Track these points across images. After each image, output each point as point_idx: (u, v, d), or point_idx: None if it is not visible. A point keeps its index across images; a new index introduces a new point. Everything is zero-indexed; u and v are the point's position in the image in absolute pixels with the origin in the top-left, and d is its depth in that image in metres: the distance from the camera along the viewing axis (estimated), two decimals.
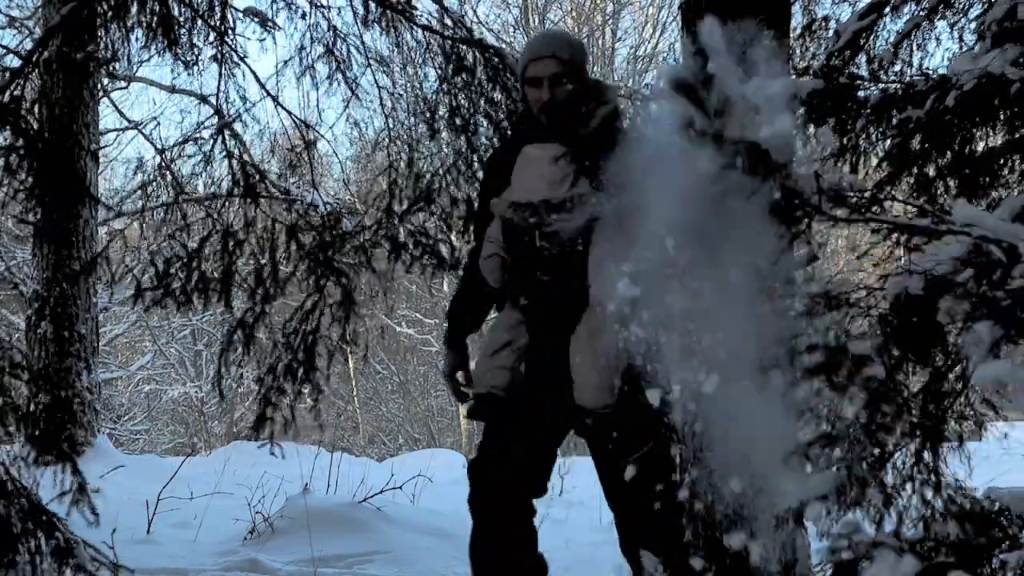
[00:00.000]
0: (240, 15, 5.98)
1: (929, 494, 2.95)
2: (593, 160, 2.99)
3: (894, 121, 3.08)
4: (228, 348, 5.47)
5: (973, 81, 2.68)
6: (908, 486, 2.90)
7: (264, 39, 6.18)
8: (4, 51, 7.83)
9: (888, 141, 3.26)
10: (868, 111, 3.17)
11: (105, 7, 4.95)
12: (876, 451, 2.88)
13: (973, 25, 3.62)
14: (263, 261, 5.45)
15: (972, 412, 2.91)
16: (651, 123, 1.96)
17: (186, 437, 20.97)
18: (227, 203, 5.75)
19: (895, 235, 3.48)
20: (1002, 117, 2.96)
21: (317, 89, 6.49)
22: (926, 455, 2.96)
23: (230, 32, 5.71)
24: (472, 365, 3.37)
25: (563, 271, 3.00)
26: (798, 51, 5.06)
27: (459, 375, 3.40)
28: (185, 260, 5.32)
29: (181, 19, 5.38)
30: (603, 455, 3.04)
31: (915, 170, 3.22)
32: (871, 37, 3.88)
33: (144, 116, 23.22)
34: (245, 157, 5.73)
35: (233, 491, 7.09)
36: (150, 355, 19.40)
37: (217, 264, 5.40)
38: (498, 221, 3.10)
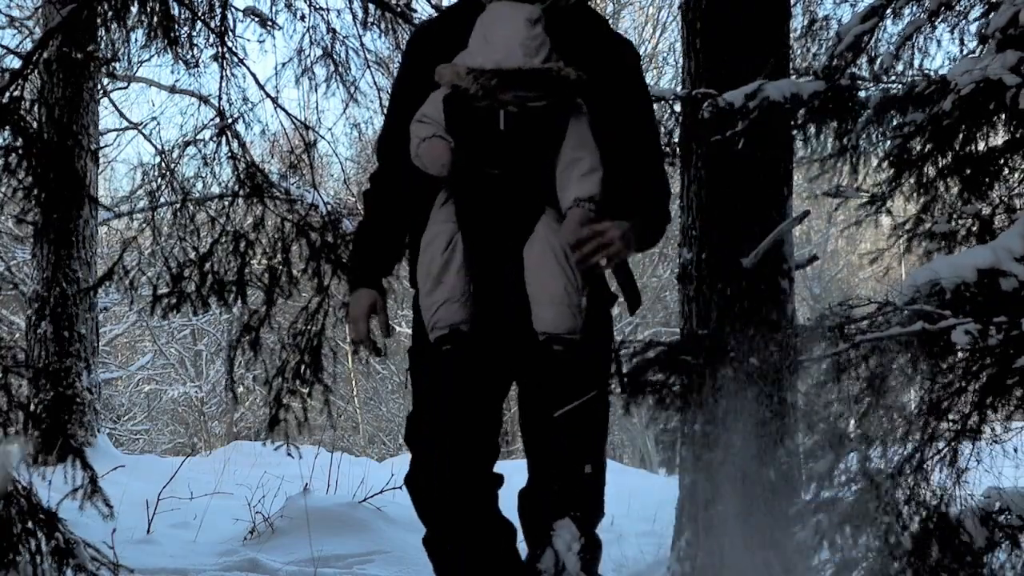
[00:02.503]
0: (240, 15, 5.99)
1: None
2: (568, 36, 2.47)
3: (894, 122, 3.09)
4: (236, 350, 5.47)
5: (971, 85, 2.68)
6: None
7: (263, 40, 6.19)
8: (4, 51, 7.82)
9: (888, 142, 3.26)
10: (870, 111, 3.17)
11: (105, 7, 4.95)
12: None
13: (973, 28, 3.62)
14: (276, 261, 5.46)
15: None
16: None
17: (186, 437, 20.96)
18: (233, 204, 5.74)
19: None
20: (1001, 119, 2.97)
21: (316, 92, 6.49)
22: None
23: (230, 33, 5.71)
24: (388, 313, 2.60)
25: (522, 165, 2.41)
26: (799, 51, 5.06)
27: (373, 321, 2.60)
28: (197, 263, 5.33)
29: (181, 19, 5.38)
30: (549, 392, 2.45)
31: (916, 171, 3.22)
32: (872, 39, 3.88)
33: (144, 116, 23.23)
34: (248, 158, 5.73)
35: (233, 491, 7.09)
36: (150, 355, 19.38)
37: (230, 265, 5.40)
38: (438, 97, 2.44)
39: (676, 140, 4.43)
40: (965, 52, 3.81)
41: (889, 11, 3.80)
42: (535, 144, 2.40)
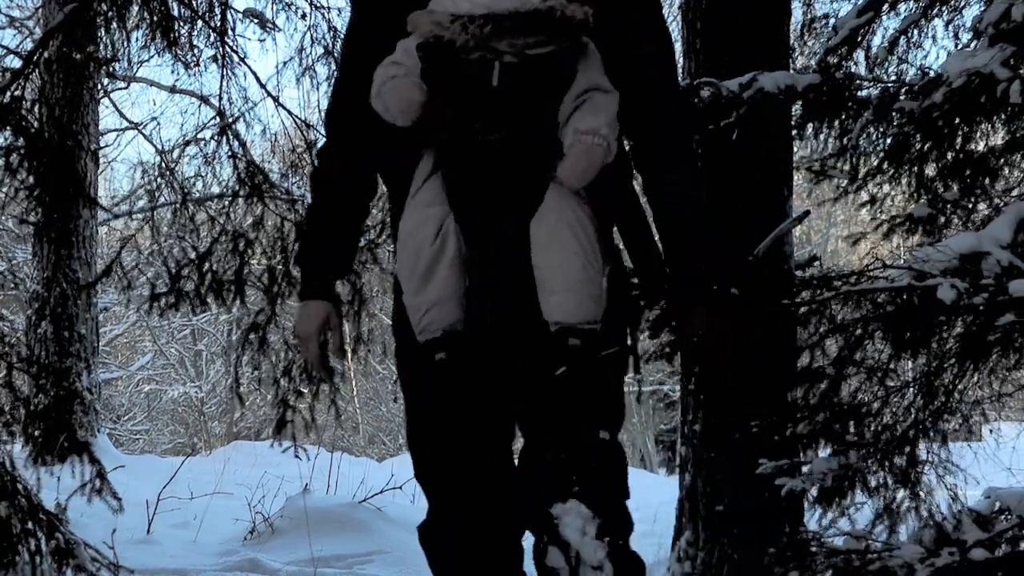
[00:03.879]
0: (240, 16, 6.00)
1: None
2: None
3: (895, 122, 3.09)
4: (241, 350, 5.48)
5: (962, 78, 2.69)
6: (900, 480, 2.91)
7: (264, 39, 6.21)
8: (4, 51, 7.83)
9: (889, 140, 3.27)
10: (869, 113, 3.18)
11: (105, 7, 4.95)
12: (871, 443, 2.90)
13: (969, 22, 3.63)
14: (275, 260, 5.46)
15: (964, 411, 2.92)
16: None
17: (186, 437, 20.96)
18: (233, 204, 5.76)
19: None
20: (1003, 116, 2.98)
21: (317, 90, 6.51)
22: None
23: (230, 32, 5.72)
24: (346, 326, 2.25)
25: (523, 126, 1.96)
26: (798, 50, 5.06)
27: (329, 337, 2.21)
28: (196, 262, 5.34)
29: (181, 19, 5.39)
30: (562, 397, 2.00)
31: (914, 168, 3.23)
32: (868, 35, 3.89)
33: (144, 117, 23.26)
34: (248, 157, 5.74)
35: (233, 491, 7.10)
36: (150, 355, 19.40)
37: (229, 265, 5.41)
38: (410, 44, 1.98)
39: None
40: (959, 46, 3.83)
41: (886, 6, 3.81)
42: (537, 99, 1.95)
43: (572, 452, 1.98)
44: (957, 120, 2.92)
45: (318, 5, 6.45)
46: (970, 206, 3.19)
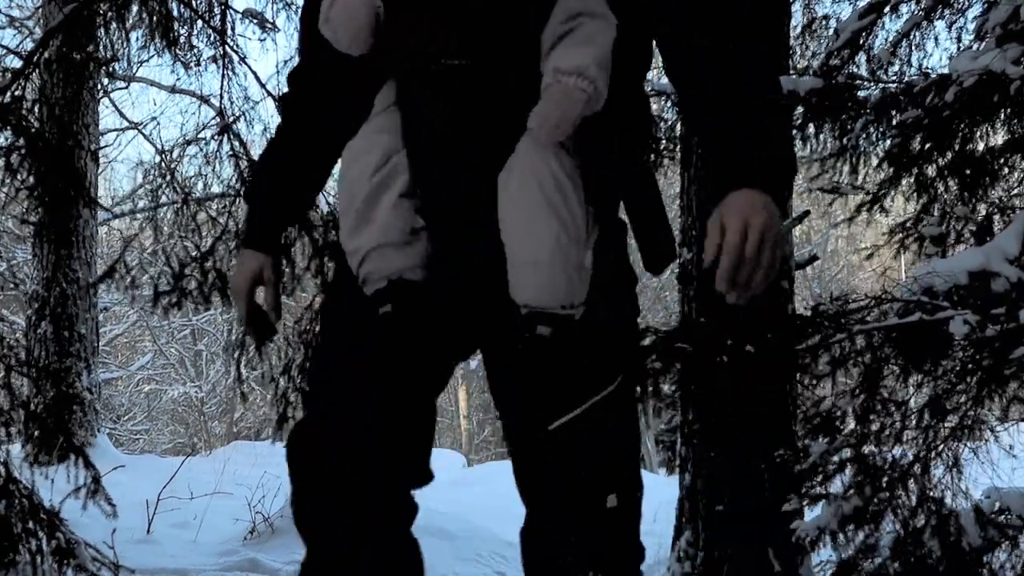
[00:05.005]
0: (240, 16, 6.01)
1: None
2: None
3: (895, 121, 3.10)
4: (243, 350, 5.48)
5: (974, 78, 2.69)
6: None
7: (264, 39, 6.22)
8: (4, 51, 7.83)
9: (888, 141, 3.27)
10: (868, 111, 3.18)
11: (105, 7, 4.96)
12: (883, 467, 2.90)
13: (971, 25, 3.64)
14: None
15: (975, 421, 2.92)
16: None
17: (186, 437, 20.97)
18: (235, 203, 5.77)
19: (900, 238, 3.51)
20: (1003, 115, 2.98)
21: None
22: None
23: (230, 32, 5.73)
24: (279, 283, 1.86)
25: (496, 52, 1.57)
26: (798, 50, 5.06)
27: (261, 294, 1.86)
28: (199, 261, 5.34)
29: (181, 20, 5.40)
30: (543, 389, 1.62)
31: (915, 170, 3.23)
32: (870, 37, 3.89)
33: (144, 116, 23.28)
34: (248, 157, 5.75)
35: (233, 491, 7.10)
36: (150, 355, 19.40)
37: (232, 263, 5.41)
38: None
39: (677, 135, 4.43)
40: (962, 48, 3.83)
41: (887, 8, 3.81)
42: (514, 17, 1.56)
43: (576, 534, 1.64)
44: (958, 120, 2.92)
45: None
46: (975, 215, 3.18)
